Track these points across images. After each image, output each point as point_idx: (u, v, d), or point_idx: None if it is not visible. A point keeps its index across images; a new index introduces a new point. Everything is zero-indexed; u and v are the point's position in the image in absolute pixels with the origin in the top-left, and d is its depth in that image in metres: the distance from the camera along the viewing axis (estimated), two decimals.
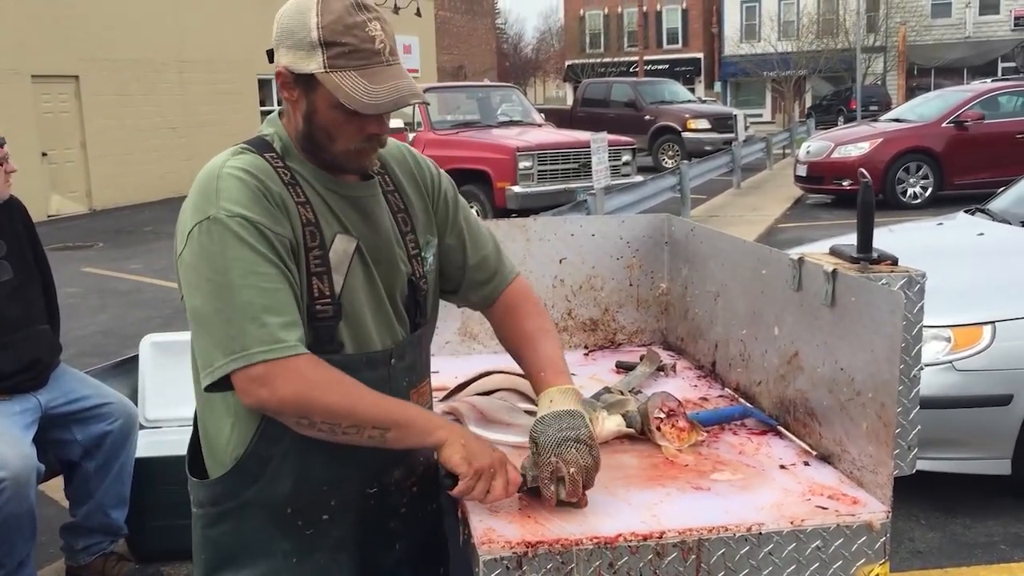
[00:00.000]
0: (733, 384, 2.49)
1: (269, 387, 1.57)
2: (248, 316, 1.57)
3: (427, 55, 30.38)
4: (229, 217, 1.60)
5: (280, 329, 1.57)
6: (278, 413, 1.62)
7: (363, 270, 1.74)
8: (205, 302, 1.59)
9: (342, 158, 1.71)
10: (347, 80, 1.61)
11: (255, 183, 1.64)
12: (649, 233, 2.95)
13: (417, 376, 1.87)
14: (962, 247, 5.31)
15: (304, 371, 1.59)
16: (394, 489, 1.81)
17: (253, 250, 1.59)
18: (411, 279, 1.83)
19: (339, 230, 1.72)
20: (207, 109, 20.31)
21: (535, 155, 11.53)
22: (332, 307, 1.68)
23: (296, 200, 1.67)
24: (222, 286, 1.58)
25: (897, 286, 1.89)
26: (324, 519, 1.74)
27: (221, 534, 1.75)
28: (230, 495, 1.72)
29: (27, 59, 16.51)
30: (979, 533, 3.99)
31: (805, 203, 15.08)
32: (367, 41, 1.62)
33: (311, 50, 1.62)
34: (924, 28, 42.29)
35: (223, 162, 1.67)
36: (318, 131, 1.68)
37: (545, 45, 70.31)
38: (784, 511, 1.75)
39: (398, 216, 1.84)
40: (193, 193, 1.66)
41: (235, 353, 1.56)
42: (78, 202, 17.74)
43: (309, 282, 1.66)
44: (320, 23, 1.61)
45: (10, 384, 3.28)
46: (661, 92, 23.50)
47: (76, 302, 9.16)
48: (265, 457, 1.70)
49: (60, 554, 3.69)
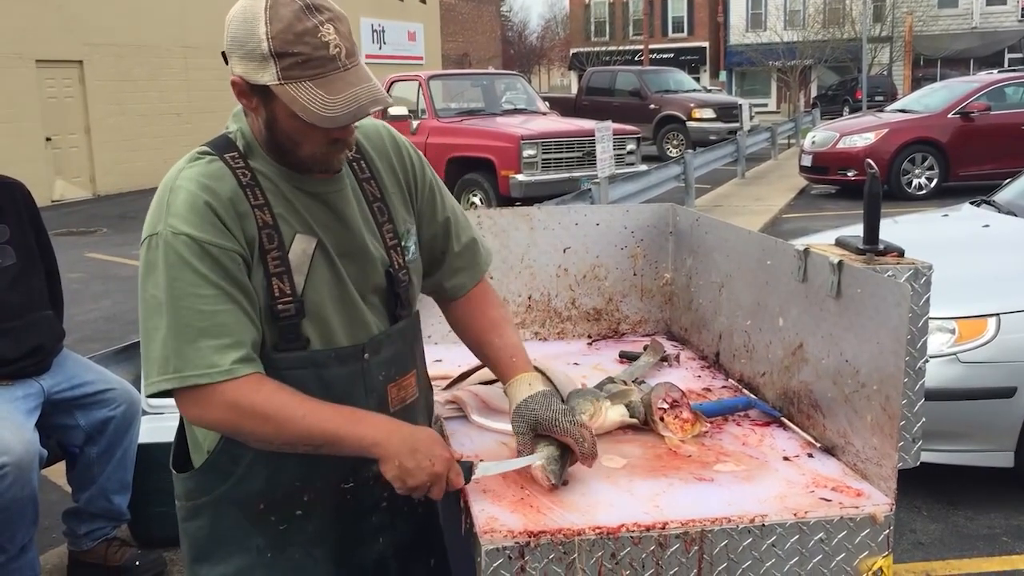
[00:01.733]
0: (737, 375, 2.49)
1: (200, 408, 1.62)
2: (184, 338, 1.57)
3: (431, 42, 30.30)
4: (174, 235, 1.59)
5: (214, 352, 1.57)
6: (213, 429, 1.67)
7: (328, 267, 1.71)
8: (145, 317, 1.61)
9: (308, 162, 1.67)
10: (303, 92, 1.54)
11: (207, 195, 1.61)
12: (654, 223, 2.94)
13: (398, 369, 1.83)
14: (967, 239, 5.29)
15: (234, 396, 1.59)
16: (373, 483, 1.76)
17: (194, 271, 1.58)
18: (388, 271, 1.80)
19: (300, 229, 1.68)
20: (211, 95, 20.26)
21: (539, 143, 11.50)
22: (294, 305, 1.66)
23: (253, 203, 1.64)
24: (160, 304, 1.59)
25: (903, 278, 1.88)
26: (298, 514, 1.74)
27: (197, 528, 1.77)
28: (203, 491, 1.74)
29: (31, 44, 16.48)
30: (981, 525, 3.99)
31: (810, 193, 15.05)
32: (320, 48, 1.54)
33: (263, 61, 1.55)
34: (931, 18, 42.09)
35: (178, 172, 1.66)
36: (281, 137, 1.64)
37: (550, 33, 70.13)
38: (787, 503, 1.75)
39: (374, 206, 1.80)
40: (152, 202, 1.66)
41: (167, 373, 1.58)
42: (82, 187, 17.74)
43: (269, 283, 1.65)
44: (269, 32, 1.53)
45: (13, 369, 3.28)
46: (666, 81, 23.43)
47: (79, 287, 9.17)
48: (236, 455, 1.70)
49: (62, 539, 3.70)
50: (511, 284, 2.91)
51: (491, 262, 2.05)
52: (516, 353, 1.93)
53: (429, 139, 12.06)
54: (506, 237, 2.86)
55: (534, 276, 2.91)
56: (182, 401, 1.62)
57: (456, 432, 2.15)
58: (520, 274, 2.91)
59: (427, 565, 1.96)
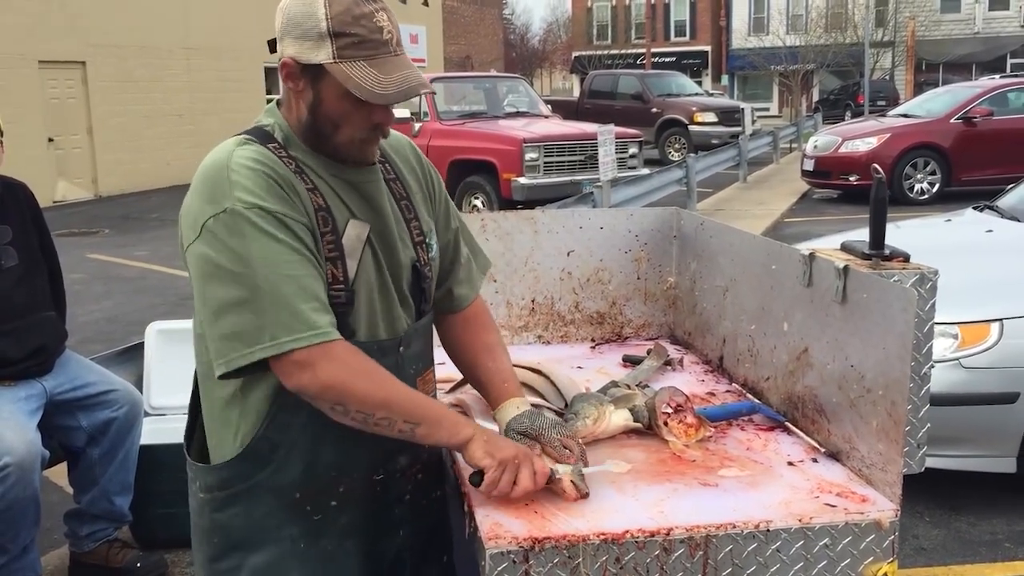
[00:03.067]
0: (741, 379, 2.48)
1: (311, 371, 1.58)
2: (279, 304, 1.57)
3: (434, 45, 30.30)
4: (247, 208, 1.59)
5: (313, 313, 1.58)
6: (317, 398, 1.62)
7: (372, 256, 1.74)
8: (227, 293, 1.58)
9: (346, 147, 1.71)
10: (356, 70, 1.61)
11: (267, 172, 1.63)
12: (658, 227, 2.94)
13: (423, 364, 1.88)
14: (970, 244, 5.28)
15: (344, 357, 1.61)
16: (399, 476, 1.82)
17: (275, 239, 1.59)
18: (415, 265, 1.83)
19: (349, 216, 1.72)
20: (213, 96, 20.29)
21: (541, 146, 11.50)
22: (345, 293, 1.68)
23: (307, 187, 1.67)
24: (246, 276, 1.58)
25: (909, 283, 1.88)
26: (332, 505, 1.75)
27: (231, 517, 1.76)
28: (240, 478, 1.73)
29: (34, 45, 16.49)
30: (983, 531, 3.98)
31: (811, 198, 15.04)
32: (375, 32, 1.62)
33: (319, 40, 1.61)
34: (933, 23, 42.08)
35: (230, 152, 1.66)
36: (323, 120, 1.68)
37: (552, 36, 70.14)
38: (792, 508, 1.74)
39: (401, 203, 1.84)
40: (202, 185, 1.64)
41: (263, 342, 1.56)
42: (84, 188, 17.74)
43: (324, 267, 1.66)
44: (329, 14, 1.61)
45: (15, 370, 3.28)
46: (668, 85, 23.44)
47: (81, 288, 9.17)
48: (276, 442, 1.70)
49: (64, 540, 3.70)
50: (515, 287, 2.90)
51: (487, 270, 2.10)
52: (508, 379, 1.97)
53: (431, 142, 12.05)
54: (510, 240, 2.86)
55: (538, 279, 2.91)
56: (291, 367, 1.58)
57: None
58: (524, 277, 2.90)
59: (439, 562, 1.98)
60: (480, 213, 2.95)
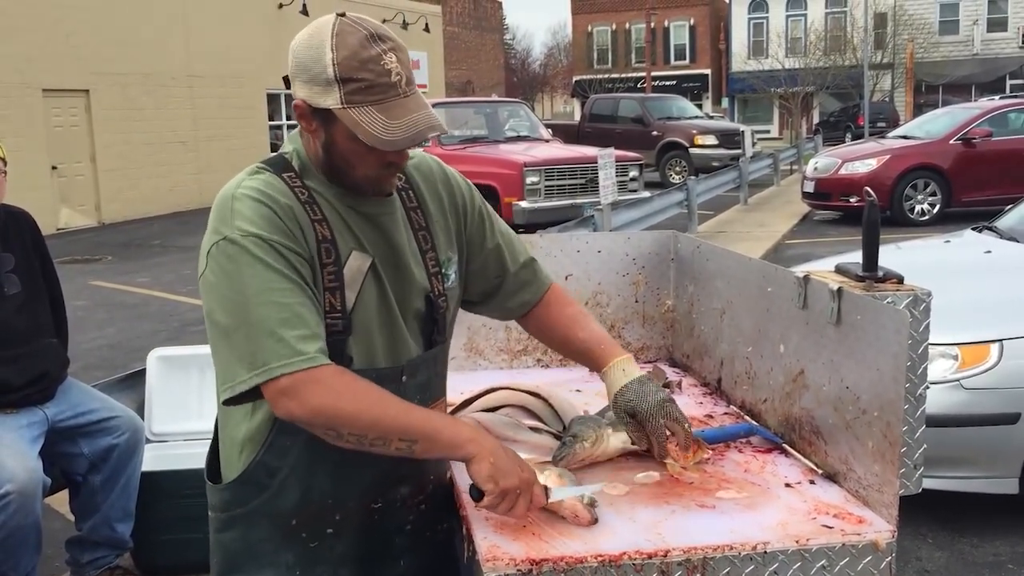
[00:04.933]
0: (739, 401, 2.49)
1: (297, 399, 1.59)
2: (266, 331, 1.58)
3: (435, 70, 30.49)
4: (243, 236, 1.62)
5: (299, 341, 1.59)
6: (308, 424, 1.63)
7: (377, 287, 1.75)
8: (225, 319, 1.62)
9: (362, 183, 1.73)
10: (365, 116, 1.61)
11: (269, 203, 1.66)
12: (655, 250, 2.95)
13: (431, 394, 1.87)
14: (970, 264, 5.30)
15: (329, 381, 1.61)
16: (400, 506, 1.82)
17: (268, 267, 1.61)
18: (429, 296, 1.84)
19: (355, 247, 1.73)
20: (216, 123, 20.40)
21: (542, 170, 11.56)
22: (342, 322, 1.69)
23: (312, 218, 1.69)
24: (239, 303, 1.60)
25: (903, 305, 1.89)
26: (328, 533, 1.76)
27: (231, 539, 1.78)
28: (238, 502, 1.75)
29: (38, 73, 16.61)
30: (986, 552, 3.97)
31: (812, 219, 15.07)
32: (383, 75, 1.62)
33: (327, 86, 1.62)
34: (932, 45, 42.27)
35: (239, 183, 1.70)
36: (337, 159, 1.70)
37: (553, 60, 70.54)
38: (789, 530, 1.75)
39: (419, 234, 1.85)
40: (212, 214, 1.69)
41: (256, 368, 1.58)
42: (87, 215, 17.81)
43: (322, 297, 1.68)
44: (335, 59, 1.60)
45: (17, 397, 3.29)
46: (668, 108, 23.54)
47: (84, 315, 9.18)
48: (272, 468, 1.72)
49: (65, 568, 3.69)
50: None
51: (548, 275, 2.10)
52: (603, 341, 2.01)
53: None
54: None
55: None
56: (277, 395, 1.60)
57: None
58: None
59: None
60: None
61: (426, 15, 28.92)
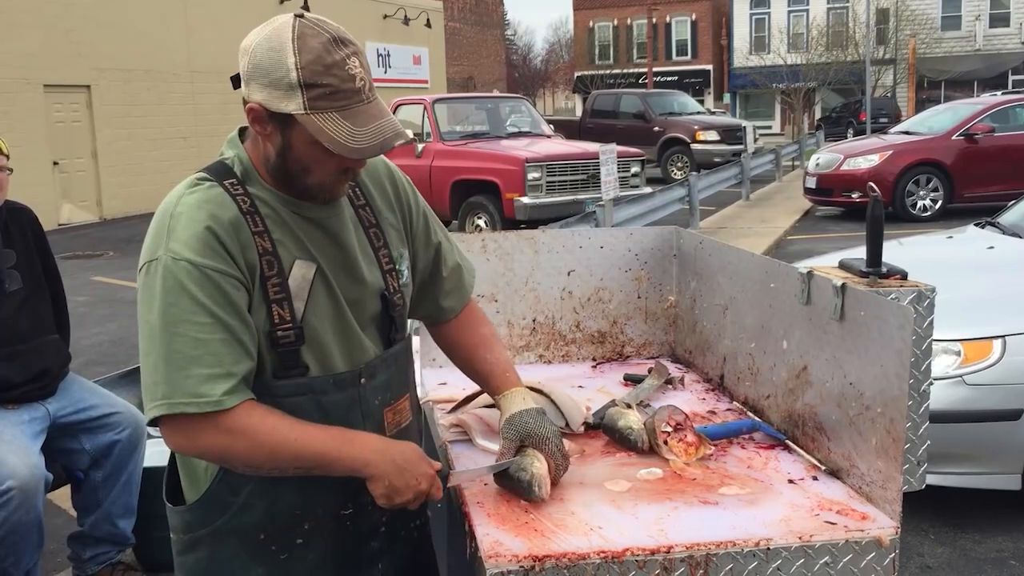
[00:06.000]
0: (741, 398, 2.48)
1: (186, 437, 1.60)
2: (174, 366, 1.55)
3: (436, 66, 30.46)
4: (175, 261, 1.57)
5: (204, 382, 1.55)
6: (199, 458, 1.66)
7: (326, 292, 1.71)
8: (143, 342, 1.59)
9: (315, 189, 1.68)
10: (329, 123, 1.56)
11: (209, 221, 1.60)
12: (658, 246, 2.95)
13: (393, 394, 1.84)
14: (972, 261, 5.29)
15: (223, 425, 1.58)
16: (371, 508, 1.76)
17: (191, 298, 1.56)
18: (384, 295, 1.80)
19: (299, 255, 1.68)
20: (217, 119, 20.38)
21: (544, 166, 11.54)
22: (293, 332, 1.66)
23: (253, 230, 1.64)
24: (154, 330, 1.57)
25: (907, 300, 1.89)
26: (298, 543, 1.73)
27: (195, 561, 1.75)
28: (201, 523, 1.72)
29: (39, 69, 16.61)
30: (989, 548, 3.96)
31: (814, 215, 15.06)
32: (347, 80, 1.56)
33: (289, 90, 1.55)
34: (934, 40, 42.21)
35: (177, 199, 1.64)
36: (293, 164, 1.64)
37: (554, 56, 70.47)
38: (792, 526, 1.74)
39: (370, 232, 1.81)
40: (151, 229, 1.64)
41: (157, 400, 1.57)
42: (88, 211, 17.82)
43: (269, 309, 1.64)
44: (299, 63, 1.54)
45: (19, 393, 3.29)
46: (670, 103, 23.51)
47: (85, 311, 9.19)
48: (235, 485, 1.68)
49: (67, 564, 3.70)
50: (516, 307, 2.91)
51: (474, 282, 2.08)
52: (508, 368, 1.98)
53: (434, 162, 12.11)
54: (511, 260, 2.87)
55: (538, 299, 2.92)
56: (169, 430, 1.59)
57: (461, 456, 2.15)
58: (524, 297, 2.91)
59: None
60: (481, 233, 2.96)
61: (428, 11, 28.88)
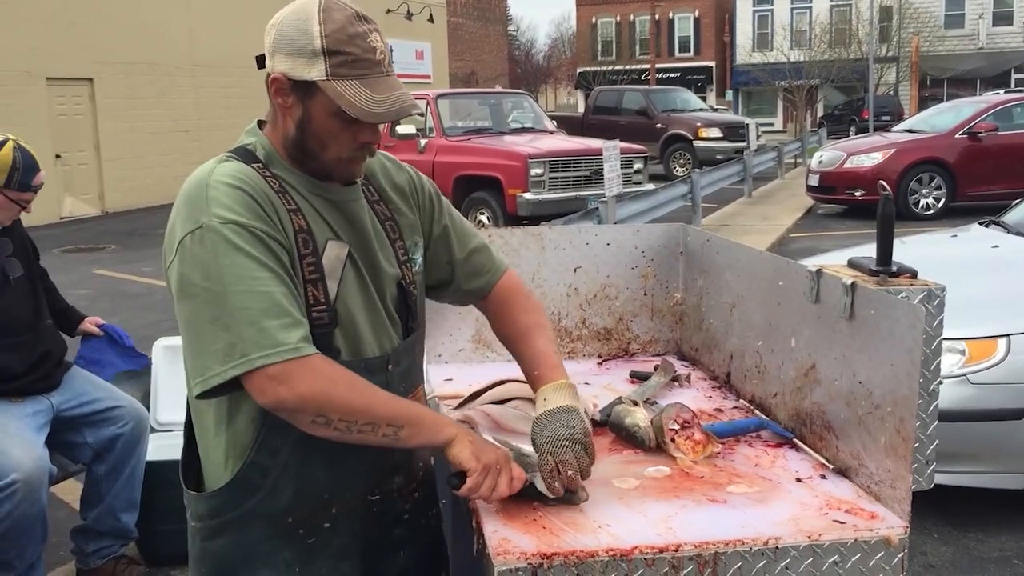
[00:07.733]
0: (748, 396, 2.48)
1: (287, 384, 1.55)
2: (247, 321, 1.54)
3: (439, 61, 30.43)
4: (222, 224, 1.58)
5: (280, 331, 1.55)
6: (296, 411, 1.58)
7: (356, 275, 1.73)
8: (200, 310, 1.57)
9: (332, 166, 1.70)
10: (349, 89, 1.61)
11: (246, 188, 1.62)
12: (664, 243, 2.94)
13: (411, 382, 1.86)
14: (977, 259, 5.28)
15: (319, 368, 1.58)
16: (396, 496, 1.80)
17: (247, 255, 1.57)
18: (401, 284, 1.82)
19: (330, 236, 1.71)
20: (219, 112, 20.37)
21: (547, 162, 11.53)
22: (327, 314, 1.67)
23: (288, 207, 1.66)
24: (217, 293, 1.56)
25: (917, 299, 1.88)
26: (326, 527, 1.74)
27: (222, 546, 1.73)
28: (231, 506, 1.71)
29: (42, 62, 16.59)
30: (992, 547, 3.96)
31: (817, 213, 15.05)
32: (369, 51, 1.63)
33: (313, 57, 1.61)
34: (937, 39, 42.16)
35: (211, 171, 1.65)
36: (311, 138, 1.67)
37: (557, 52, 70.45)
38: (801, 525, 1.74)
39: (386, 224, 1.83)
40: (181, 204, 1.64)
41: (232, 360, 1.54)
42: (91, 204, 17.81)
43: (304, 289, 1.65)
44: (324, 31, 1.61)
45: (23, 384, 3.29)
46: (673, 100, 23.50)
47: (88, 304, 9.16)
48: (265, 467, 1.68)
49: (70, 557, 3.70)
50: None
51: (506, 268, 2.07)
52: (539, 364, 1.94)
53: (437, 157, 12.10)
54: (517, 256, 2.87)
55: (544, 296, 2.91)
56: (258, 385, 1.55)
57: None
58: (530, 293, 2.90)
59: None
60: (486, 229, 2.95)
61: (430, 5, 28.85)
